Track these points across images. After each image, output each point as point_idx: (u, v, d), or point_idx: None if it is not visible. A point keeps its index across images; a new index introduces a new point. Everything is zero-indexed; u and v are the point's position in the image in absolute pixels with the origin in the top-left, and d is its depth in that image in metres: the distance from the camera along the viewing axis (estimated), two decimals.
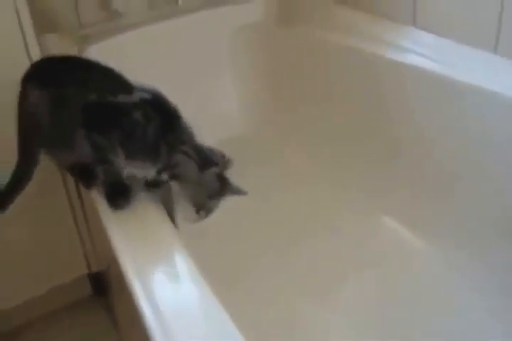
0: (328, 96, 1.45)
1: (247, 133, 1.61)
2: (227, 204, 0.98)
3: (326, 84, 1.45)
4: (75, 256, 1.28)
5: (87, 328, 1.28)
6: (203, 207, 0.95)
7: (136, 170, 0.91)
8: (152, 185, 0.93)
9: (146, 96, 0.91)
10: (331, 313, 1.12)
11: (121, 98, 0.89)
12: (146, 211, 0.92)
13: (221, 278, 0.77)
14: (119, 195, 0.92)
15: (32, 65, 0.97)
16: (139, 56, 1.44)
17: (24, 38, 1.09)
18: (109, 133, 0.88)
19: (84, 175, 0.96)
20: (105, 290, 1.33)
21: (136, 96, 0.90)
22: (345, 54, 1.36)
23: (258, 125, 1.61)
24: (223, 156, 0.97)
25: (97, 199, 0.94)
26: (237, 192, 0.97)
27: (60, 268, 1.25)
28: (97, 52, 1.36)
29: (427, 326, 1.06)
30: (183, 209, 0.96)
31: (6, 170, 0.93)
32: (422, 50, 1.21)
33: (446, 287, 1.15)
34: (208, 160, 0.93)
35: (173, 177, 0.93)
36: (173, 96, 1.48)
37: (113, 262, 0.85)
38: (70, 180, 1.20)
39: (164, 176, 0.92)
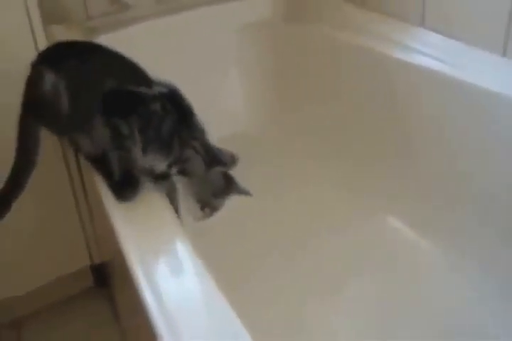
0: (335, 95, 1.45)
1: (252, 130, 1.61)
2: (231, 204, 0.98)
3: (333, 83, 1.44)
4: (77, 248, 1.28)
5: (88, 319, 1.28)
6: (207, 205, 0.95)
7: (148, 162, 0.90)
8: (160, 178, 0.93)
9: (164, 90, 0.91)
10: (334, 313, 1.12)
11: (142, 90, 0.89)
12: (150, 200, 0.92)
13: (225, 277, 0.78)
14: (126, 186, 0.92)
15: (45, 49, 0.96)
16: (145, 49, 1.42)
17: (32, 29, 1.09)
18: (129, 119, 0.87)
19: (104, 167, 0.94)
20: (107, 281, 1.34)
21: (155, 90, 0.90)
22: (353, 53, 1.36)
23: (263, 123, 1.61)
24: (232, 156, 0.97)
25: (101, 187, 0.93)
26: (243, 192, 0.96)
27: (62, 259, 1.25)
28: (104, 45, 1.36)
29: (429, 327, 1.07)
30: (189, 206, 0.96)
31: None
32: (430, 51, 1.21)
33: (448, 288, 1.15)
34: (216, 158, 0.93)
35: (182, 172, 0.93)
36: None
37: (116, 251, 0.85)
38: (74, 170, 1.20)
39: (174, 170, 0.92)
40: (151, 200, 0.92)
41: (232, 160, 0.97)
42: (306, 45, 1.48)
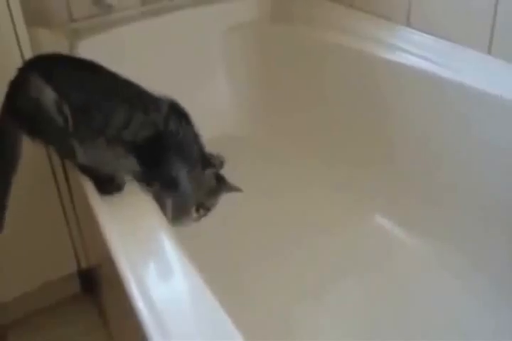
0: (323, 95, 1.45)
1: (240, 131, 1.60)
2: (220, 205, 1.00)
3: (321, 84, 1.44)
4: (65, 253, 1.26)
5: (75, 325, 1.26)
6: (202, 206, 0.98)
7: None
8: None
9: (168, 106, 0.92)
10: (324, 313, 1.11)
11: (153, 115, 0.90)
12: (137, 201, 0.92)
13: (214, 278, 0.77)
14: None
15: (37, 59, 0.93)
16: (130, 52, 1.43)
17: (15, 32, 1.07)
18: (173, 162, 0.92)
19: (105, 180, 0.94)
20: (94, 287, 1.32)
21: (163, 109, 0.91)
22: (340, 53, 1.36)
23: (250, 124, 1.61)
24: (219, 158, 1.00)
25: (88, 189, 0.92)
26: (233, 189, 0.99)
27: (49, 264, 1.23)
28: (89, 47, 1.35)
29: (420, 326, 1.06)
30: (183, 209, 0.97)
31: None
32: (416, 50, 1.22)
33: (439, 286, 1.15)
34: (208, 161, 0.97)
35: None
36: (164, 92, 1.48)
37: (104, 254, 0.84)
38: (60, 176, 1.19)
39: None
40: (138, 201, 0.92)
41: (220, 162, 1.00)
42: (292, 46, 1.48)
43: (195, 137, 0.95)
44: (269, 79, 1.59)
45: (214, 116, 1.55)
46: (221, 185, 0.98)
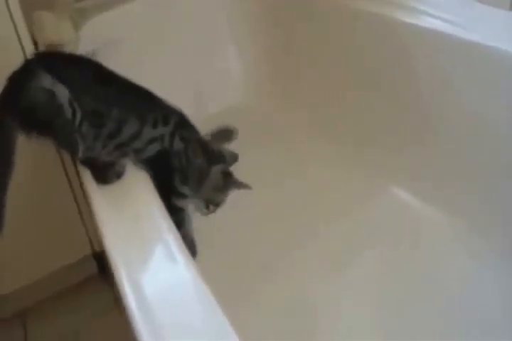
0: (336, 63, 1.38)
1: (248, 102, 1.56)
2: None
3: (334, 52, 1.38)
4: (78, 238, 1.28)
5: (94, 306, 1.29)
6: (211, 202, 1.00)
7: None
8: None
9: (175, 117, 0.95)
10: (345, 290, 1.10)
11: (160, 130, 0.92)
12: (136, 190, 0.91)
13: (229, 257, 0.76)
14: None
15: (46, 55, 0.92)
16: (138, 28, 1.40)
17: (11, 16, 1.05)
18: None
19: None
20: (108, 268, 1.34)
21: (171, 123, 0.93)
22: (355, 17, 1.29)
23: (259, 94, 1.56)
24: (233, 154, 1.02)
25: (86, 178, 0.93)
26: (242, 186, 1.00)
27: (64, 249, 1.26)
28: (95, 26, 1.33)
29: (435, 300, 1.05)
30: (195, 204, 1.00)
31: None
32: (435, 11, 1.14)
33: (456, 262, 1.12)
34: (215, 156, 0.98)
35: None
36: (174, 65, 1.44)
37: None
38: (68, 161, 1.19)
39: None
40: (137, 189, 0.91)
41: (234, 156, 1.02)
42: (303, 10, 1.41)
43: (201, 143, 0.97)
44: (279, 47, 1.53)
45: (223, 87, 1.53)
46: (229, 181, 0.99)
